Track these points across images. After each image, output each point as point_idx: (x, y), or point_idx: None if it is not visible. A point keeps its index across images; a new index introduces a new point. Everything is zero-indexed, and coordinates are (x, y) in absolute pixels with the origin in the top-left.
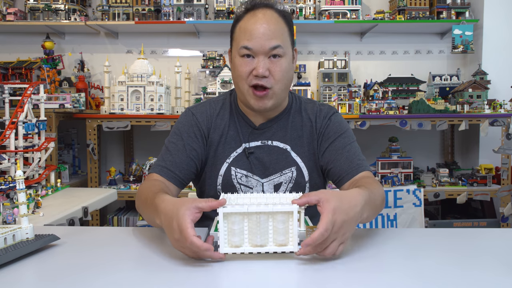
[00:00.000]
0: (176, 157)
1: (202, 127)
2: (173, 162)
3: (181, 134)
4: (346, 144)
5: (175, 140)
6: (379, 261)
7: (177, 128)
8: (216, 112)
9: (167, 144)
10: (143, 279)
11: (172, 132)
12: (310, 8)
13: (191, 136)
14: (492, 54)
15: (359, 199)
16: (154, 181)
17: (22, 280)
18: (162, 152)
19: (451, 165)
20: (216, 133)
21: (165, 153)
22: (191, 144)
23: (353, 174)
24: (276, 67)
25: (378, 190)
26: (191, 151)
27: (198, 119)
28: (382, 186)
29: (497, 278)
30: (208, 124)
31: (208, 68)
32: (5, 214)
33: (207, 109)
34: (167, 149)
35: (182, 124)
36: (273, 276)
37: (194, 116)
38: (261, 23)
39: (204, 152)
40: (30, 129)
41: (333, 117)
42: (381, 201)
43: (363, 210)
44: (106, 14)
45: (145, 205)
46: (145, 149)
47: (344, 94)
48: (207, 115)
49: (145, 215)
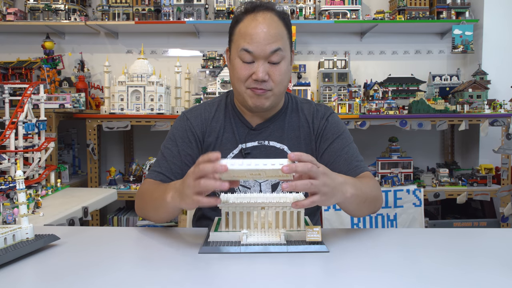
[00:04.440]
0: (171, 164)
1: (197, 131)
2: (168, 168)
3: (175, 139)
4: (345, 145)
5: (170, 146)
6: (379, 261)
7: (172, 133)
8: (211, 115)
9: (163, 150)
10: (143, 279)
11: (167, 137)
12: (310, 8)
13: (185, 141)
14: (492, 54)
15: (344, 177)
16: (153, 183)
17: (22, 280)
18: (158, 157)
19: (451, 165)
20: (212, 136)
21: (160, 159)
22: (186, 150)
23: (352, 176)
24: (275, 70)
25: (370, 185)
26: (185, 157)
27: (193, 123)
28: (379, 185)
29: (497, 278)
30: (203, 128)
31: (208, 68)
32: (5, 214)
33: (202, 113)
34: (163, 155)
35: (176, 130)
36: (272, 276)
37: (188, 121)
38: (262, 27)
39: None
40: (30, 129)
41: (330, 117)
42: (373, 194)
43: (347, 185)
44: (106, 14)
45: (150, 198)
46: (145, 149)
47: (344, 94)
48: (202, 118)
49: (151, 205)
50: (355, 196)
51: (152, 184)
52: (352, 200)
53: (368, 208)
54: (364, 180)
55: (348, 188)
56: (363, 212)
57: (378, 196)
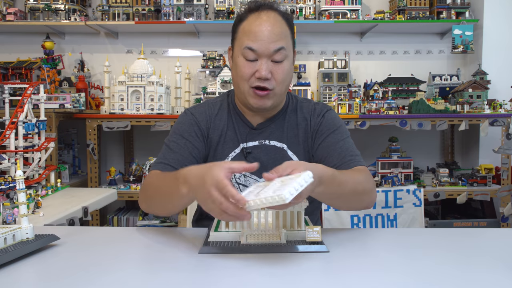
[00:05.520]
0: (179, 155)
1: (202, 126)
2: (175, 159)
3: (181, 133)
4: (339, 140)
5: (176, 139)
6: (379, 261)
7: (177, 128)
8: (215, 113)
9: (168, 143)
10: (143, 279)
11: (172, 132)
12: (310, 8)
13: (192, 135)
14: (492, 54)
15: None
16: (160, 174)
17: (22, 280)
18: (163, 150)
19: (451, 165)
20: (216, 133)
21: (166, 151)
22: (193, 143)
23: (345, 169)
24: (278, 69)
25: (358, 177)
26: (193, 149)
27: (198, 118)
28: (372, 180)
29: (497, 278)
30: (208, 124)
31: (208, 68)
32: (5, 214)
33: (206, 110)
34: (169, 148)
35: (182, 124)
36: (272, 276)
37: (193, 116)
38: (266, 25)
39: (204, 151)
40: (30, 129)
41: (326, 114)
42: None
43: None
44: (106, 14)
45: (158, 189)
46: (145, 149)
47: (344, 94)
48: (206, 115)
49: (159, 197)
50: (326, 195)
51: (159, 175)
52: (321, 196)
53: (352, 203)
54: (352, 173)
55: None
56: (347, 206)
57: (366, 190)
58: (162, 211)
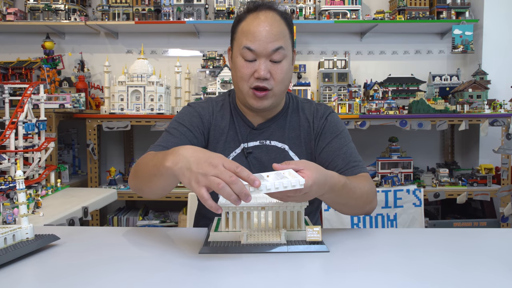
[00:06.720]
0: (178, 140)
1: (204, 120)
2: (174, 143)
3: (183, 122)
4: (343, 145)
5: (176, 126)
6: (379, 261)
7: (179, 117)
8: (217, 110)
9: (169, 129)
10: (143, 279)
11: (173, 120)
12: (310, 8)
13: (193, 125)
14: (492, 54)
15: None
16: (153, 153)
17: (22, 280)
18: (162, 135)
19: (451, 165)
20: (217, 131)
21: (166, 135)
22: (194, 132)
23: (349, 175)
24: (277, 69)
25: (362, 186)
26: (193, 138)
27: (200, 112)
28: (374, 188)
29: (497, 278)
30: (210, 119)
31: (208, 68)
32: (5, 214)
33: (209, 106)
34: (169, 133)
35: (184, 114)
36: (272, 276)
37: (196, 110)
38: (264, 25)
39: (203, 146)
40: (30, 129)
41: (329, 117)
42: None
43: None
44: (106, 14)
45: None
46: (145, 149)
47: (344, 94)
48: (209, 110)
49: (143, 172)
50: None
51: (152, 154)
52: (327, 199)
53: (355, 209)
54: (359, 182)
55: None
56: (350, 212)
57: (370, 199)
58: (148, 192)
